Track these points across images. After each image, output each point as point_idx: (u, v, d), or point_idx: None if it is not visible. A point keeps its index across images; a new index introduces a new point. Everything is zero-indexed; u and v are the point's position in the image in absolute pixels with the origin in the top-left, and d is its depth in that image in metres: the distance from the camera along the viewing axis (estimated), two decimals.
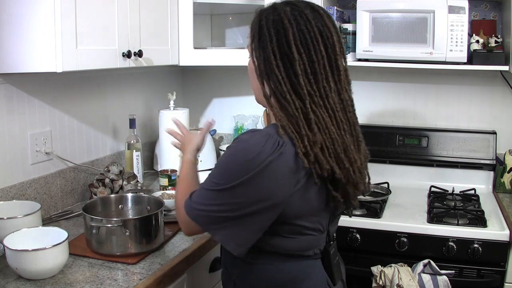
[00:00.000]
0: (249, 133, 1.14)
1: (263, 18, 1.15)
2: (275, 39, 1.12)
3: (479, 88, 2.47)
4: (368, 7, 2.18)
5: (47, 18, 1.50)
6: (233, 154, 1.13)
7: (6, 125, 1.72)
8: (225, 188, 1.11)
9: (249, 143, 1.11)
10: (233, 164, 1.11)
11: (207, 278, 1.76)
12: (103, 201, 1.71)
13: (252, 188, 1.09)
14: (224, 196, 1.12)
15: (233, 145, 1.15)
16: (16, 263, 1.31)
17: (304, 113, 1.11)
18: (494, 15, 2.40)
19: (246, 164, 1.08)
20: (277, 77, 1.12)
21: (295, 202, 1.12)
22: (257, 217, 1.12)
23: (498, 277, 1.86)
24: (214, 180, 1.14)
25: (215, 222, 1.14)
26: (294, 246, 1.19)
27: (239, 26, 2.77)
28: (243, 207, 1.11)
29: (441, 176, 2.45)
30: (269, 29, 1.12)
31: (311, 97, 1.11)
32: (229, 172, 1.11)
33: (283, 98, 1.12)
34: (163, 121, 2.36)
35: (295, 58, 1.11)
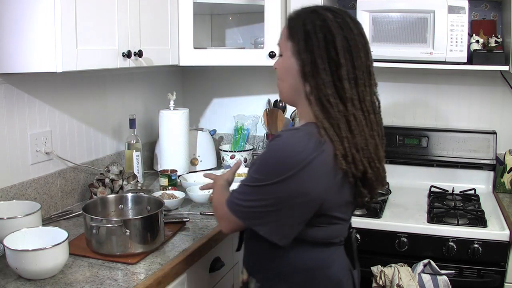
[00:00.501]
0: (290, 131, 1.22)
1: (308, 23, 1.21)
2: (323, 44, 1.19)
3: (479, 88, 2.47)
4: (368, 7, 2.18)
5: (47, 18, 1.50)
6: (277, 151, 1.20)
7: (6, 125, 1.72)
8: (268, 183, 1.17)
9: (292, 140, 1.18)
10: (277, 160, 1.18)
11: (207, 278, 1.76)
12: (103, 201, 1.71)
13: (295, 184, 1.16)
14: (266, 191, 1.19)
15: (275, 143, 1.21)
16: (16, 263, 1.31)
17: (345, 116, 1.19)
18: (494, 15, 2.40)
19: (290, 160, 1.16)
20: (323, 80, 1.19)
21: (332, 197, 1.21)
22: (299, 211, 1.20)
23: (498, 277, 1.86)
24: (256, 176, 1.21)
25: (258, 217, 1.21)
26: (324, 234, 1.28)
27: (239, 26, 2.77)
28: (285, 202, 1.18)
29: (441, 176, 2.45)
30: (317, 34, 1.19)
31: (352, 100, 1.20)
32: (273, 168, 1.18)
33: (327, 100, 1.19)
34: (163, 121, 2.36)
35: (341, 64, 1.19)
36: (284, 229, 1.22)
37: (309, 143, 1.16)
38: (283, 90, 1.32)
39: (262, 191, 1.20)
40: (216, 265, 1.78)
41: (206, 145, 2.61)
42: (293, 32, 1.24)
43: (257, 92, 2.82)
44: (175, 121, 2.34)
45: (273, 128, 2.65)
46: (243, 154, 2.59)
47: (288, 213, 1.20)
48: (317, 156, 1.15)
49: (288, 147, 1.18)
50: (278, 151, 1.19)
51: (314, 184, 1.17)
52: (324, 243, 1.30)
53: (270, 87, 2.77)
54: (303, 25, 1.22)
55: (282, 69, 1.30)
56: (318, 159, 1.16)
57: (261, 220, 1.22)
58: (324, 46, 1.19)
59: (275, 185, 1.17)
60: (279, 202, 1.19)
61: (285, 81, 1.29)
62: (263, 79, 2.78)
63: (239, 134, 2.66)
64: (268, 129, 2.68)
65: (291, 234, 1.23)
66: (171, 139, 2.35)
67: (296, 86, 1.26)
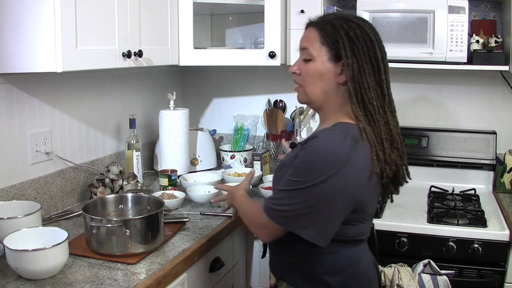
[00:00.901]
0: (325, 131, 1.26)
1: (350, 30, 1.27)
2: (366, 50, 1.26)
3: (479, 88, 2.47)
4: (368, 7, 2.18)
5: (47, 18, 1.50)
6: (316, 151, 1.22)
7: (6, 125, 1.72)
8: (310, 185, 1.20)
9: (330, 140, 1.22)
10: (317, 160, 1.21)
11: (207, 278, 1.76)
12: (103, 201, 1.71)
13: (336, 182, 1.20)
14: (308, 193, 1.21)
15: (312, 144, 1.23)
16: (16, 263, 1.31)
17: (384, 118, 1.28)
18: (494, 15, 2.40)
19: (330, 159, 1.20)
20: (368, 84, 1.26)
21: (366, 193, 1.27)
22: (339, 210, 1.24)
23: (498, 277, 1.86)
24: (295, 179, 1.23)
25: (300, 220, 1.23)
26: (355, 232, 1.32)
27: (239, 26, 2.77)
28: (327, 201, 1.21)
29: (441, 176, 2.45)
30: (360, 40, 1.26)
31: (390, 103, 1.31)
32: (312, 169, 1.21)
33: (370, 103, 1.27)
34: (163, 121, 2.36)
35: (381, 68, 1.28)
36: (326, 230, 1.24)
37: (346, 141, 1.21)
38: (312, 93, 1.34)
39: (303, 193, 1.21)
40: (216, 265, 1.78)
41: (206, 145, 2.61)
42: (330, 38, 1.28)
43: (257, 92, 2.82)
44: (175, 121, 2.34)
45: (273, 128, 2.65)
46: (243, 154, 2.59)
47: (330, 212, 1.23)
48: (355, 153, 1.20)
49: (327, 146, 1.21)
50: (317, 151, 1.22)
51: (353, 180, 1.22)
52: (354, 241, 1.34)
53: (270, 87, 2.77)
54: (345, 32, 1.27)
55: (313, 73, 1.31)
56: (356, 156, 1.21)
57: (303, 223, 1.23)
58: (367, 52, 1.26)
59: (317, 186, 1.19)
60: (321, 202, 1.21)
61: (316, 84, 1.32)
62: (263, 79, 2.78)
63: (239, 134, 2.66)
64: (268, 129, 2.68)
65: (331, 234, 1.26)
66: (171, 139, 2.35)
67: (328, 90, 1.31)
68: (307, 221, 1.23)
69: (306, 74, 1.33)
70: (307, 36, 1.34)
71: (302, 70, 1.35)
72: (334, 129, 1.26)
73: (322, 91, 1.32)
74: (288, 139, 2.62)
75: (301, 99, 1.40)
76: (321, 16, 1.37)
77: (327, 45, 1.29)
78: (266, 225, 1.30)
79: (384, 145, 1.26)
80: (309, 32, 1.34)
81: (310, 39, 1.32)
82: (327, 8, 2.27)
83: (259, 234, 1.37)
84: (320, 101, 1.34)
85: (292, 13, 2.31)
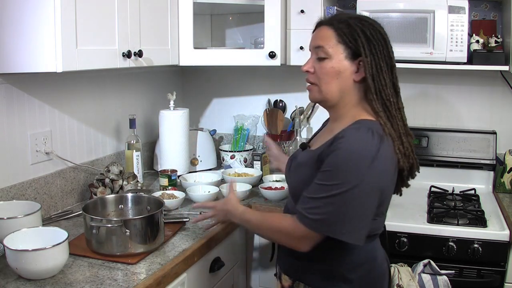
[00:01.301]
0: (351, 130, 1.27)
1: (365, 29, 1.30)
2: (382, 49, 1.30)
3: (479, 88, 2.47)
4: (368, 7, 2.18)
5: (48, 18, 1.50)
6: (347, 153, 1.23)
7: (6, 125, 1.72)
8: (348, 188, 1.20)
9: (358, 139, 1.24)
10: (350, 162, 1.22)
11: (207, 278, 1.76)
12: (103, 201, 1.71)
13: (371, 181, 1.22)
14: (346, 196, 1.21)
15: (342, 146, 1.23)
16: (16, 263, 1.31)
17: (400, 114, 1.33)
18: (494, 15, 2.40)
19: (362, 159, 1.21)
20: (385, 80, 1.31)
21: (390, 187, 1.33)
22: (373, 206, 1.26)
23: (498, 277, 1.86)
24: (330, 183, 1.22)
25: (340, 223, 1.23)
26: (375, 227, 1.35)
27: (239, 26, 2.77)
28: (364, 200, 1.23)
29: (441, 176, 2.44)
30: (376, 39, 1.30)
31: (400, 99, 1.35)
32: (348, 171, 1.21)
33: (387, 100, 1.31)
34: (163, 121, 2.36)
35: (394, 65, 1.34)
36: (364, 228, 1.26)
37: (373, 138, 1.23)
38: (328, 92, 1.34)
39: (342, 197, 1.21)
40: (216, 265, 1.78)
41: (206, 145, 2.61)
42: (348, 37, 1.30)
43: (257, 92, 2.82)
44: (175, 121, 2.34)
45: (273, 128, 2.65)
46: (243, 154, 2.59)
47: (367, 210, 1.25)
48: (383, 149, 1.23)
49: (357, 146, 1.23)
50: (349, 152, 1.23)
51: (384, 176, 1.26)
52: (372, 235, 1.36)
53: (270, 87, 2.77)
54: (361, 31, 1.29)
55: (330, 71, 1.32)
56: (384, 151, 1.24)
57: (344, 226, 1.23)
58: (382, 50, 1.30)
59: (356, 187, 1.20)
60: (360, 202, 1.22)
61: (332, 83, 1.33)
62: (263, 79, 2.78)
63: (239, 134, 2.66)
64: (268, 129, 2.68)
65: (367, 232, 1.27)
66: (171, 139, 2.35)
67: (344, 88, 1.33)
68: (348, 223, 1.23)
69: (322, 72, 1.33)
70: (322, 35, 1.34)
71: (317, 68, 1.35)
72: (359, 127, 1.27)
73: (338, 89, 1.33)
74: (288, 139, 2.62)
75: (314, 97, 1.39)
76: (333, 16, 1.39)
77: (344, 43, 1.30)
78: (307, 236, 1.27)
79: (403, 139, 1.30)
80: (323, 30, 1.34)
81: (325, 38, 1.33)
82: (327, 8, 2.27)
83: (299, 246, 1.31)
84: (335, 99, 1.35)
85: (292, 13, 2.31)
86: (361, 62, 1.30)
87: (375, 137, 1.23)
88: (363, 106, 1.34)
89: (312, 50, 1.38)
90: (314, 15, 2.24)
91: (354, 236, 1.24)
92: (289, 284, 1.44)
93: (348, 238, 1.24)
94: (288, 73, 2.68)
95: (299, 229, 1.27)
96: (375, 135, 1.24)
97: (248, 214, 1.46)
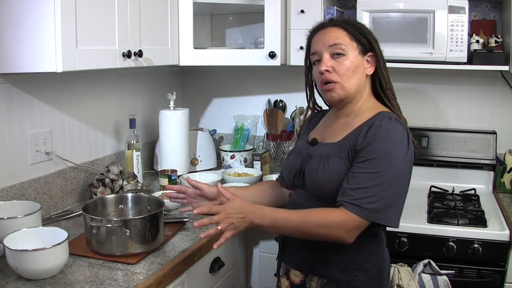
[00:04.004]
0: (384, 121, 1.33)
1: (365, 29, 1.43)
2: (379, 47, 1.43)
3: (479, 88, 2.47)
4: (368, 7, 2.18)
5: (48, 18, 1.50)
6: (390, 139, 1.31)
7: (6, 125, 1.72)
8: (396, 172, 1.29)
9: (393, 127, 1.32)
10: (394, 148, 1.30)
11: (207, 278, 1.76)
12: (103, 201, 1.71)
13: (408, 164, 1.33)
14: (396, 180, 1.29)
15: (381, 133, 1.31)
16: (16, 263, 1.31)
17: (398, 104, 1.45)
18: (494, 15, 2.40)
19: (401, 144, 1.31)
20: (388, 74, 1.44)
21: None
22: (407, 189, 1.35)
23: (498, 277, 1.86)
24: (378, 170, 1.28)
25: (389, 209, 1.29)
26: None
27: (239, 26, 2.77)
28: (406, 184, 1.34)
29: (441, 176, 2.45)
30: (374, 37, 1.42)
31: None
32: (394, 156, 1.29)
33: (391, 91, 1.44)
34: (163, 121, 2.36)
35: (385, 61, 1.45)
36: (401, 212, 1.34)
37: (402, 126, 1.34)
38: (350, 87, 1.41)
39: (393, 182, 1.28)
40: (216, 265, 1.78)
41: (206, 145, 2.61)
42: (359, 34, 1.40)
43: (257, 92, 2.82)
44: (175, 121, 2.34)
45: (273, 128, 2.65)
46: (243, 154, 2.59)
47: (405, 195, 1.35)
48: (408, 136, 1.34)
49: (395, 132, 1.32)
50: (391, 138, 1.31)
51: (412, 161, 1.35)
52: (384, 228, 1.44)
53: (270, 87, 2.77)
54: (365, 29, 1.42)
55: (350, 66, 1.39)
56: (410, 139, 1.34)
57: (391, 211, 1.29)
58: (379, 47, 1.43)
59: (403, 171, 1.30)
60: (404, 186, 1.33)
61: (353, 78, 1.40)
62: (263, 79, 2.78)
63: (239, 134, 2.66)
64: (268, 129, 2.68)
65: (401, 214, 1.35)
66: (171, 139, 2.35)
67: (361, 82, 1.42)
68: (394, 208, 1.30)
69: (343, 68, 1.39)
70: (335, 34, 1.40)
71: (335, 66, 1.39)
72: (389, 117, 1.34)
73: (357, 84, 1.41)
74: (288, 139, 2.62)
75: (339, 95, 1.41)
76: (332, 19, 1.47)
77: (356, 40, 1.40)
78: (359, 226, 1.29)
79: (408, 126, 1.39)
80: (334, 31, 1.41)
81: (339, 36, 1.40)
82: (327, 8, 2.27)
83: (348, 239, 1.29)
84: (354, 94, 1.42)
85: (292, 13, 2.31)
86: (369, 58, 1.41)
87: (403, 126, 1.34)
88: (372, 99, 1.45)
89: (324, 49, 1.40)
90: (314, 15, 2.24)
91: (396, 220, 1.32)
92: (301, 279, 1.44)
93: (392, 222, 1.31)
94: (288, 73, 2.68)
95: (353, 221, 1.28)
96: (402, 124, 1.34)
97: (283, 213, 1.33)
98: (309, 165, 1.43)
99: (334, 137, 1.42)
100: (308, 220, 1.30)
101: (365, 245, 1.38)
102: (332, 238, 1.31)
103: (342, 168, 1.34)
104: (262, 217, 1.31)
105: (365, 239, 1.35)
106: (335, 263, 1.38)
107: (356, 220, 1.28)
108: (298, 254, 1.46)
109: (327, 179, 1.37)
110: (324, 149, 1.42)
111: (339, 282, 1.38)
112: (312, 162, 1.42)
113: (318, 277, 1.41)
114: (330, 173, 1.37)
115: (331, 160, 1.38)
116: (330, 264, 1.39)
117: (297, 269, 1.46)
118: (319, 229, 1.30)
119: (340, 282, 1.38)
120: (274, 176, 2.35)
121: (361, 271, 1.38)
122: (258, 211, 1.31)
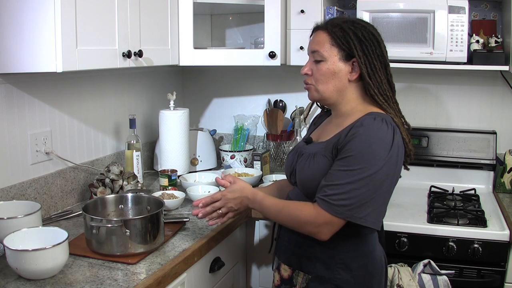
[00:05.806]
0: (368, 120, 1.34)
1: (358, 31, 1.39)
2: (374, 49, 1.39)
3: (479, 88, 2.47)
4: (368, 7, 2.18)
5: (47, 18, 1.50)
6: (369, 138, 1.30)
7: (6, 125, 1.72)
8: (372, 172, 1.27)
9: (377, 127, 1.31)
10: (373, 147, 1.29)
11: (207, 278, 1.76)
12: (103, 201, 1.72)
13: (391, 166, 1.31)
14: (370, 180, 1.28)
15: (362, 132, 1.31)
16: (16, 263, 1.31)
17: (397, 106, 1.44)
18: (494, 15, 2.40)
19: (382, 145, 1.30)
20: (381, 78, 1.40)
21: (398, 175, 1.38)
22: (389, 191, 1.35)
23: (498, 277, 1.86)
24: (353, 168, 1.28)
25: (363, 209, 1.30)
26: None
27: (239, 26, 2.77)
28: (385, 185, 1.31)
29: (441, 176, 2.44)
30: (368, 41, 1.39)
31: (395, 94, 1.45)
32: (371, 155, 1.28)
33: (385, 94, 1.41)
34: (163, 121, 2.36)
35: (387, 64, 1.43)
36: (382, 214, 1.34)
37: (388, 127, 1.32)
38: (327, 91, 1.43)
39: (366, 181, 1.27)
40: (216, 265, 1.79)
41: (206, 145, 2.61)
42: (341, 40, 1.39)
43: (257, 92, 2.82)
44: (175, 121, 2.34)
45: (273, 128, 2.65)
46: (243, 154, 2.59)
47: (386, 196, 1.34)
48: (396, 138, 1.32)
49: (377, 132, 1.31)
50: (371, 137, 1.30)
51: (398, 163, 1.34)
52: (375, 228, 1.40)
53: (270, 87, 2.77)
54: (354, 33, 1.39)
55: (326, 72, 1.41)
56: (396, 140, 1.33)
57: (367, 211, 1.29)
58: (375, 50, 1.39)
59: (380, 170, 1.28)
60: (382, 186, 1.30)
61: (328, 83, 1.42)
62: (263, 79, 2.78)
63: (239, 134, 2.66)
64: (268, 129, 2.68)
65: (383, 217, 1.35)
66: (171, 139, 2.35)
67: (341, 87, 1.42)
68: (370, 209, 1.29)
69: (319, 73, 1.42)
70: (317, 40, 1.43)
71: (314, 70, 1.44)
72: (375, 117, 1.34)
73: (334, 89, 1.42)
74: (288, 139, 2.62)
75: (313, 96, 1.48)
76: (328, 20, 1.46)
77: (337, 46, 1.40)
78: (329, 223, 1.31)
79: (404, 128, 1.41)
80: (318, 35, 1.44)
81: (320, 42, 1.42)
82: (327, 8, 2.27)
83: (319, 234, 1.34)
84: (334, 98, 1.44)
85: (292, 13, 2.31)
86: (355, 63, 1.39)
87: (389, 127, 1.32)
88: (367, 101, 1.43)
89: (309, 54, 1.47)
90: (314, 15, 2.24)
91: (374, 221, 1.31)
92: (289, 274, 1.48)
93: (369, 223, 1.29)
94: (288, 73, 2.68)
95: (321, 216, 1.31)
96: (389, 125, 1.33)
97: (268, 201, 1.46)
98: (299, 163, 1.48)
99: (325, 137, 1.47)
100: (284, 211, 1.41)
101: (351, 245, 1.39)
102: (304, 231, 1.38)
103: (326, 166, 1.37)
104: (253, 202, 1.48)
105: (351, 238, 1.38)
106: (321, 260, 1.41)
107: (324, 216, 1.30)
108: (288, 249, 1.49)
109: (311, 176, 1.41)
110: (313, 148, 1.47)
111: (323, 278, 1.40)
112: (301, 160, 1.47)
113: (304, 272, 1.44)
114: (314, 171, 1.40)
115: (316, 158, 1.41)
116: (315, 261, 1.42)
117: (286, 264, 1.50)
118: (292, 221, 1.40)
119: (324, 279, 1.40)
120: (274, 176, 2.35)
121: (346, 270, 1.39)
122: (251, 197, 1.48)
